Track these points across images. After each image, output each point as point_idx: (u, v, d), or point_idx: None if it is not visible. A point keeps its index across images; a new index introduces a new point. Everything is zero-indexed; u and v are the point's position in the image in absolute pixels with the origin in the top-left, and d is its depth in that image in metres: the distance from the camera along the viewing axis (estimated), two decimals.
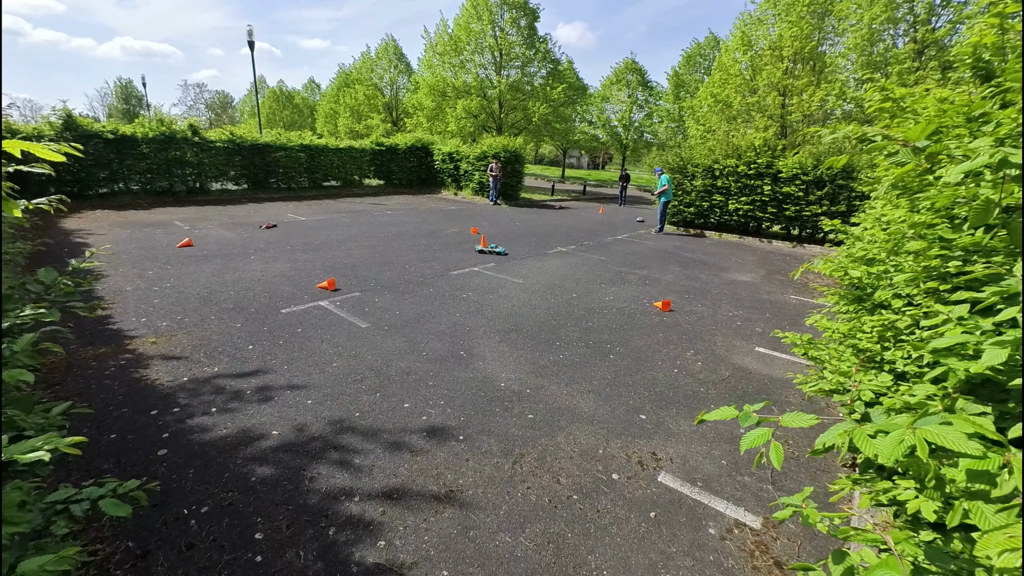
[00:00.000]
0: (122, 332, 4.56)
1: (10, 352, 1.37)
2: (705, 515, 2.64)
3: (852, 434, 1.09)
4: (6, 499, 1.07)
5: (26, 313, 1.66)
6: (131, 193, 13.42)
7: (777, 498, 2.80)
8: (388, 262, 7.81)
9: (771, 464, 3.04)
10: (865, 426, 1.11)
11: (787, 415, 1.22)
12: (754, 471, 3.03)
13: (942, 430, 0.98)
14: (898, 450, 0.98)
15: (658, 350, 4.88)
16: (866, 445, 1.05)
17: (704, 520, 2.60)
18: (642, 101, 35.21)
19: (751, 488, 2.88)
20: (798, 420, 1.20)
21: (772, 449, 1.21)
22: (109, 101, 56.30)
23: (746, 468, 3.06)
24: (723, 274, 8.52)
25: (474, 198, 18.92)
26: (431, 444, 3.12)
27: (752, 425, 1.23)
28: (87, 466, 2.75)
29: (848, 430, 1.11)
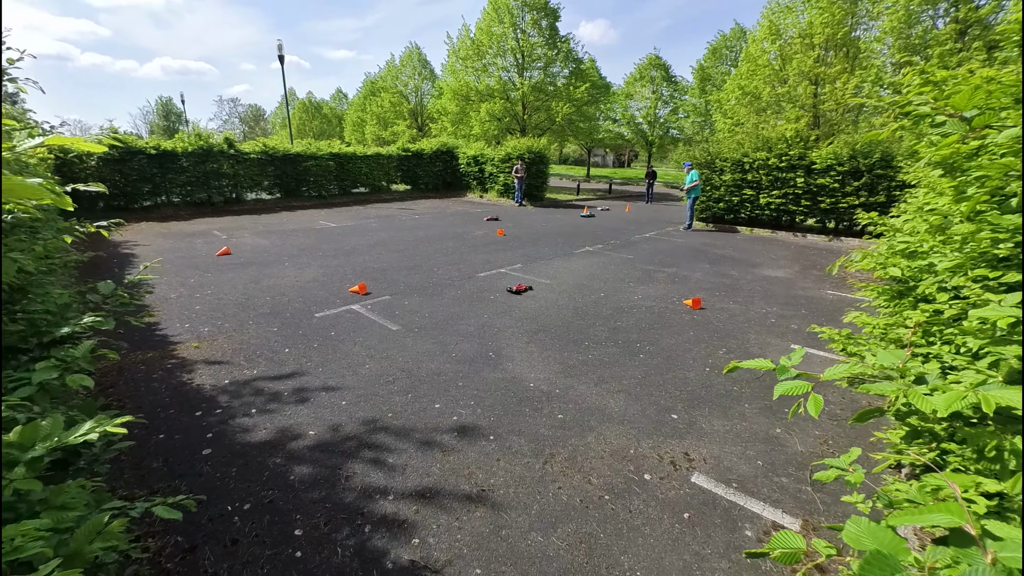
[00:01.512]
0: (168, 338, 4.79)
1: (71, 358, 1.47)
2: (741, 516, 2.58)
3: (907, 392, 1.04)
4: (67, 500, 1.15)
5: (85, 321, 1.77)
6: (172, 205, 14.05)
7: (817, 500, 2.71)
8: (416, 265, 7.93)
9: (812, 475, 2.95)
10: (920, 386, 1.06)
11: (830, 369, 1.17)
12: (792, 472, 2.94)
13: (1007, 392, 0.93)
14: (958, 404, 0.93)
15: (689, 349, 4.80)
16: (921, 401, 1.00)
17: (740, 522, 2.55)
18: (667, 96, 34.65)
19: (789, 489, 2.80)
20: (839, 372, 1.15)
21: (811, 401, 1.15)
22: (151, 118, 59.12)
23: (783, 469, 2.98)
24: (755, 270, 8.30)
25: (499, 200, 19.00)
26: (462, 444, 3.16)
27: (790, 377, 1.19)
28: (138, 464, 2.89)
29: (902, 387, 1.06)
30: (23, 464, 1.01)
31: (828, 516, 2.60)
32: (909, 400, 1.03)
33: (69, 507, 1.02)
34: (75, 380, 1.37)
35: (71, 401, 2.03)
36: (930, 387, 1.04)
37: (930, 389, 1.03)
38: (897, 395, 1.05)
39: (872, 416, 1.43)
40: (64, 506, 1.01)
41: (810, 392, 1.15)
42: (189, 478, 2.80)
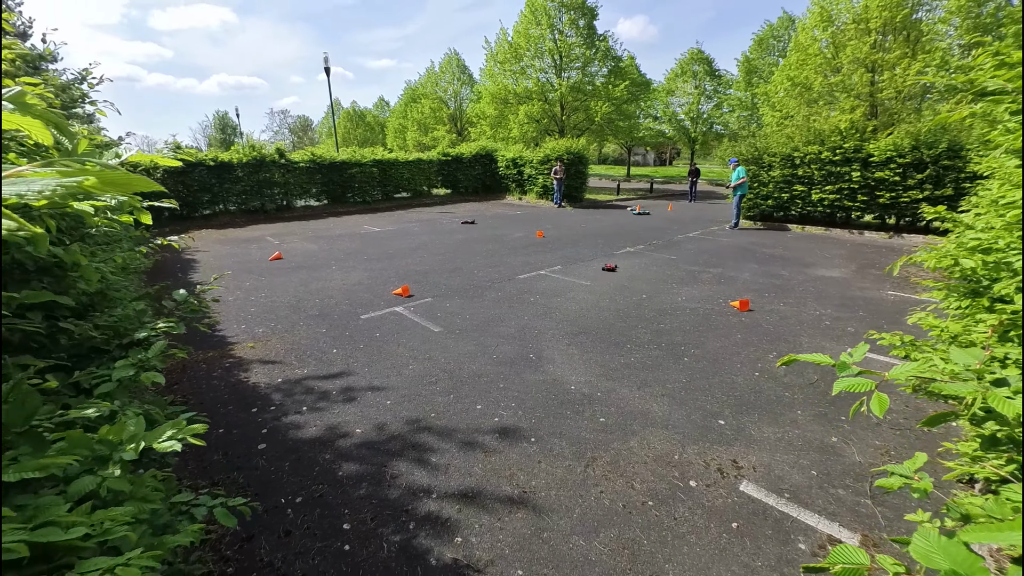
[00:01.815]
0: (226, 338, 5.08)
1: (145, 358, 1.59)
2: (794, 528, 2.47)
3: (986, 394, 0.97)
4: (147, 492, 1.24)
5: (159, 325, 1.91)
6: (229, 213, 14.89)
7: (877, 514, 2.56)
8: (457, 268, 8.05)
9: (873, 483, 2.79)
10: (1001, 388, 0.98)
11: (896, 367, 1.09)
12: (849, 483, 2.79)
13: None
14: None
15: (736, 352, 4.63)
16: (1003, 405, 0.92)
17: (793, 534, 2.44)
18: (710, 91, 33.59)
19: (847, 502, 2.65)
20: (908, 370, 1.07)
21: (874, 399, 1.07)
22: (209, 132, 62.98)
23: (839, 480, 2.82)
24: (807, 270, 7.91)
25: (538, 202, 19.01)
26: (503, 445, 3.18)
27: (851, 375, 1.12)
28: (201, 456, 3.08)
29: (980, 389, 0.98)
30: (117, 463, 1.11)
31: (891, 532, 2.44)
32: (988, 403, 0.95)
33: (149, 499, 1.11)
34: (148, 376, 1.48)
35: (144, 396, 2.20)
36: (1012, 390, 0.96)
37: (1013, 392, 0.95)
38: (975, 397, 0.98)
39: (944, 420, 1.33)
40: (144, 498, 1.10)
41: (873, 390, 1.08)
42: (246, 471, 2.96)
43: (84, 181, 0.48)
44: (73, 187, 0.47)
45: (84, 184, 0.48)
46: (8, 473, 0.77)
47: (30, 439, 0.91)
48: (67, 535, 0.74)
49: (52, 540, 0.71)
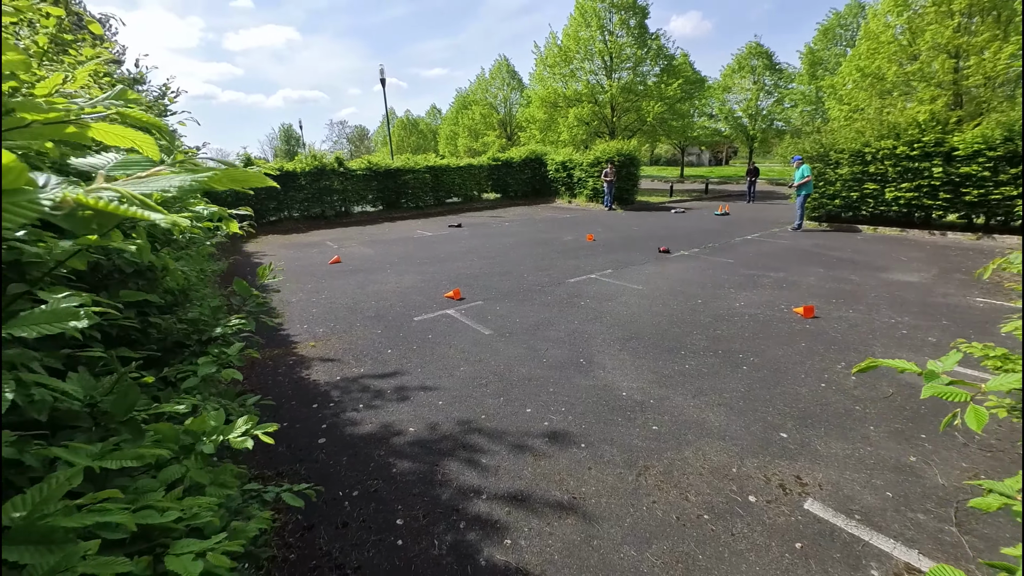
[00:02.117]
0: (290, 337, 5.38)
1: (225, 355, 1.73)
2: (866, 553, 2.30)
3: None
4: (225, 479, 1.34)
5: (233, 322, 2.06)
6: (292, 219, 15.79)
7: (964, 543, 2.33)
8: (507, 271, 8.12)
9: (965, 508, 2.55)
10: None
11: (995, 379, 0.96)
12: (930, 508, 2.56)
13: None
14: None
15: (800, 361, 4.37)
16: None
17: (864, 559, 2.27)
18: (770, 86, 32.02)
19: (927, 527, 2.43)
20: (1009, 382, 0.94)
21: (970, 412, 0.94)
22: (275, 144, 67.16)
23: (919, 503, 2.60)
24: (880, 274, 7.35)
25: (588, 205, 18.83)
26: (553, 449, 3.17)
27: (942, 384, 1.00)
28: (267, 448, 3.28)
29: None
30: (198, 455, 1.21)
31: (980, 565, 2.22)
32: None
33: (227, 486, 1.20)
34: (228, 373, 1.60)
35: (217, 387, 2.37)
36: None
37: None
38: None
39: None
40: (223, 484, 1.19)
41: (968, 402, 0.97)
42: (307, 463, 3.12)
43: (212, 177, 0.54)
44: (204, 182, 0.53)
45: (211, 180, 0.54)
46: (111, 460, 0.87)
47: (130, 428, 1.01)
48: (163, 518, 0.82)
49: (151, 522, 0.79)
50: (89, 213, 0.42)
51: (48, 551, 0.57)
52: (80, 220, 0.43)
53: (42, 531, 0.58)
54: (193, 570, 0.75)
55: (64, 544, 0.58)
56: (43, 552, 0.57)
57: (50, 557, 0.56)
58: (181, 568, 0.75)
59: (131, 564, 0.67)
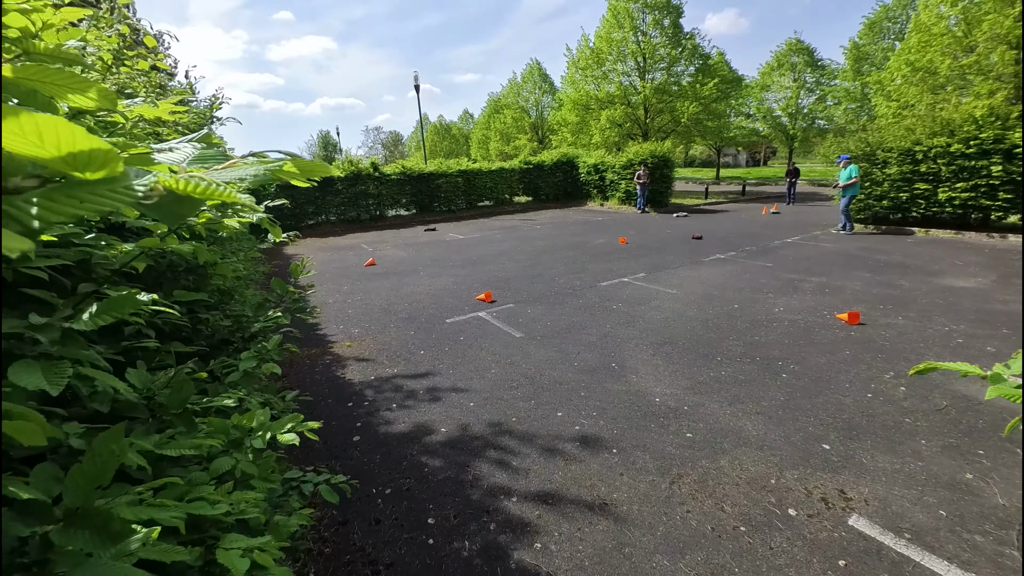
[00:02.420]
0: (326, 337, 5.54)
1: (265, 350, 1.80)
2: (916, 574, 2.17)
3: None
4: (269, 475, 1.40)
5: (271, 316, 2.14)
6: (330, 223, 16.28)
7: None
8: (538, 275, 8.11)
9: (1020, 537, 2.38)
10: None
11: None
12: (989, 529, 2.39)
13: None
14: None
15: (844, 370, 4.19)
16: None
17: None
18: (811, 83, 30.84)
19: (985, 550, 2.28)
20: None
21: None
22: (314, 150, 69.46)
23: (976, 524, 2.44)
24: (933, 279, 6.95)
25: (620, 208, 18.61)
26: (584, 454, 3.14)
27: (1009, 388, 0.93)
28: (304, 443, 3.39)
29: None
30: (249, 449, 1.27)
31: None
32: None
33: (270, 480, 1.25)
34: (268, 368, 1.67)
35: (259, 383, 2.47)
36: None
37: None
38: None
39: None
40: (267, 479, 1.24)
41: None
42: (343, 460, 3.20)
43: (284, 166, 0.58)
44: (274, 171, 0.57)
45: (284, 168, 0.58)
46: (169, 449, 0.92)
47: (184, 420, 1.07)
48: (213, 510, 0.86)
49: (202, 514, 0.83)
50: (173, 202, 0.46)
51: (107, 539, 0.61)
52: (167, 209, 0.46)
53: (101, 519, 0.63)
54: (241, 567, 0.79)
55: (121, 535, 0.62)
56: (101, 540, 0.61)
57: (110, 545, 0.60)
58: (230, 563, 0.79)
59: (187, 554, 0.71)
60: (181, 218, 0.48)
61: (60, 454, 0.89)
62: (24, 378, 0.65)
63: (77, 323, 0.85)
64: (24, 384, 0.64)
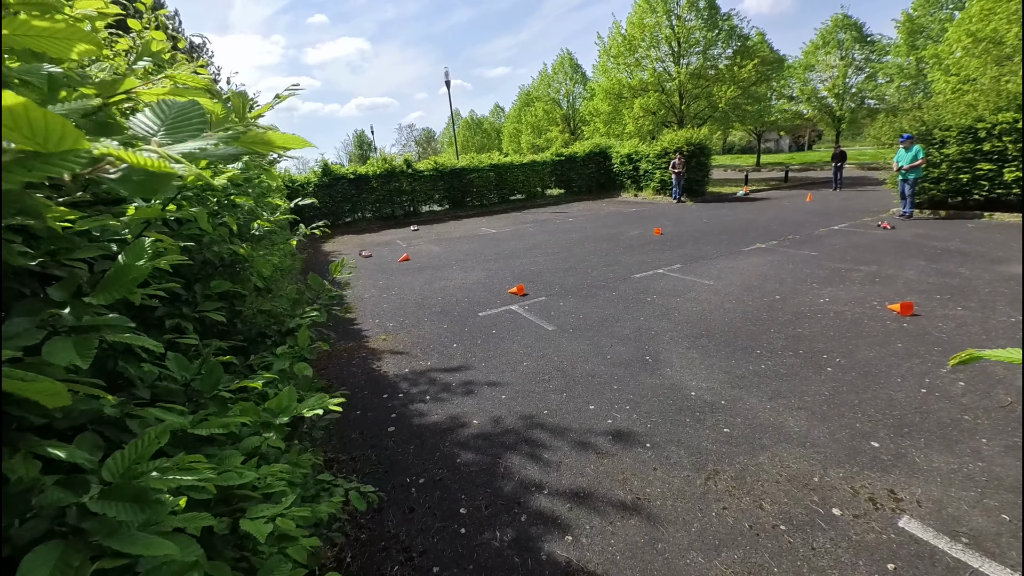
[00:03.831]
0: (362, 331, 5.69)
1: (297, 349, 1.87)
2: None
3: None
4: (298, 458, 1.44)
5: (309, 311, 2.21)
6: (365, 220, 16.67)
7: None
8: (571, 267, 8.05)
9: None
10: None
11: None
12: None
13: None
14: None
15: (896, 364, 3.96)
16: None
17: None
18: (860, 61, 29.06)
19: None
20: None
21: None
22: (349, 149, 71.16)
23: None
24: (996, 267, 6.46)
25: (656, 198, 18.19)
26: (617, 448, 3.11)
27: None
28: (342, 433, 3.50)
29: None
30: (273, 428, 1.33)
31: None
32: None
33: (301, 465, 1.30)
34: (300, 368, 1.73)
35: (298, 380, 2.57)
36: None
37: None
38: None
39: None
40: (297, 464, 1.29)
41: None
42: (378, 450, 3.28)
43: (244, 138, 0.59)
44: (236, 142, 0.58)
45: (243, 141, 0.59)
46: (202, 427, 0.97)
47: (216, 402, 1.12)
48: (241, 480, 0.90)
49: (231, 484, 0.87)
50: (143, 176, 0.47)
51: (140, 509, 0.65)
52: (135, 183, 0.47)
53: (136, 491, 0.66)
54: (263, 531, 0.82)
55: (154, 505, 0.66)
56: (135, 510, 0.65)
57: (141, 515, 0.64)
58: (254, 529, 0.83)
59: (213, 520, 0.74)
60: (153, 192, 0.49)
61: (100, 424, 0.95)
62: (57, 355, 0.69)
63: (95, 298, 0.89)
64: (57, 361, 0.68)
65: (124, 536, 0.63)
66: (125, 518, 0.66)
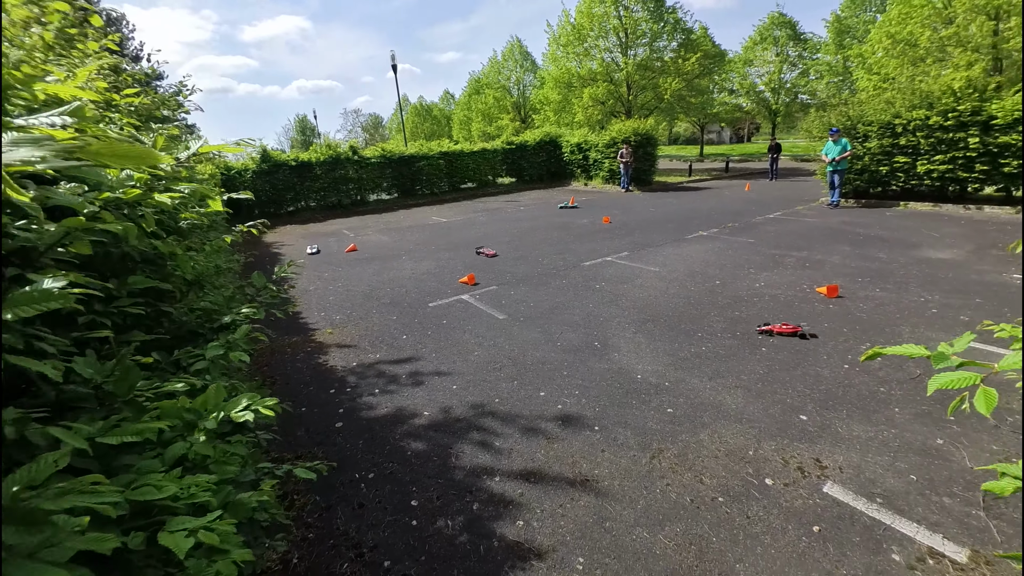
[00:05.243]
0: (308, 325, 5.47)
1: (233, 339, 1.76)
2: (887, 537, 2.24)
3: None
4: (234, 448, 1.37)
5: (244, 311, 2.09)
6: (310, 209, 15.97)
7: (992, 528, 2.25)
8: (522, 256, 8.08)
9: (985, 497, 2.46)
10: None
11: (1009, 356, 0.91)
12: (957, 491, 2.47)
13: None
14: None
15: (823, 343, 4.26)
16: None
17: (885, 543, 2.21)
18: (794, 58, 30.72)
19: (954, 512, 2.36)
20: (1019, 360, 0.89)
21: (980, 395, 0.90)
22: (291, 135, 67.71)
23: (945, 487, 2.52)
24: (911, 251, 7.07)
25: (605, 187, 18.54)
26: (566, 432, 3.17)
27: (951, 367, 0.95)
28: (287, 431, 3.36)
29: None
30: (202, 431, 1.24)
31: (1009, 550, 2.14)
32: None
33: (231, 463, 1.22)
34: (236, 355, 1.63)
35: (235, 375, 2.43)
36: None
37: None
38: None
39: None
40: (226, 462, 1.21)
41: (979, 385, 0.92)
42: (325, 446, 3.18)
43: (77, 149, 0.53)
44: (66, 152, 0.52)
45: (85, 152, 0.53)
46: (112, 436, 0.89)
47: (132, 407, 1.03)
48: (160, 494, 0.84)
49: (147, 498, 0.80)
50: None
51: (28, 532, 0.58)
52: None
53: (23, 513, 0.60)
54: (184, 545, 0.77)
55: (45, 525, 0.59)
56: (23, 533, 0.59)
57: (30, 538, 0.57)
58: (172, 544, 0.77)
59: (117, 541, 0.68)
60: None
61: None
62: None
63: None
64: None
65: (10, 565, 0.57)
66: (12, 541, 0.59)
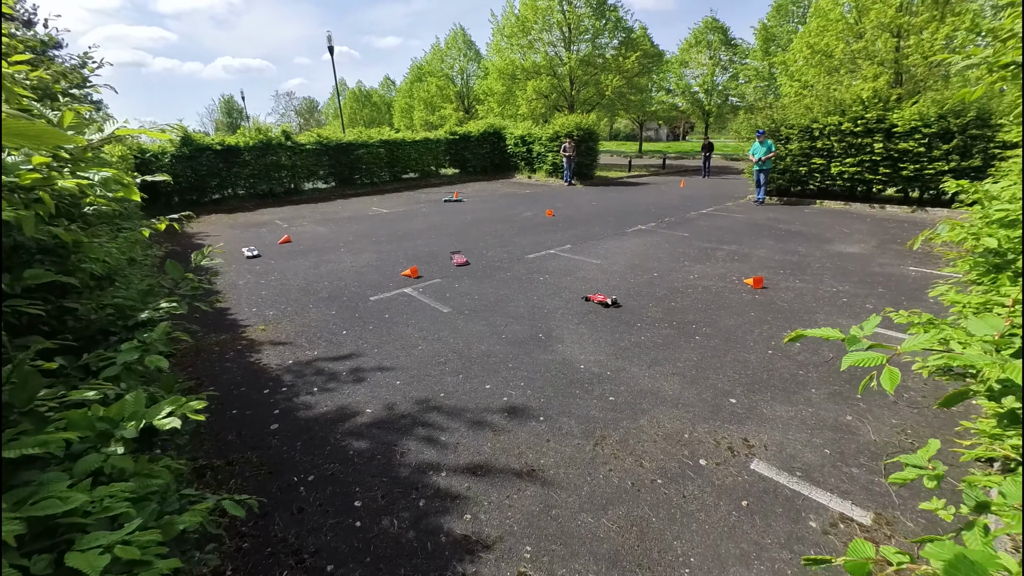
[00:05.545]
0: (238, 321, 5.14)
1: (150, 340, 1.60)
2: (805, 507, 2.45)
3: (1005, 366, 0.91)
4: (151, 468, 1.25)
5: (163, 306, 1.91)
6: (238, 197, 14.92)
7: (892, 492, 2.52)
8: (466, 249, 8.01)
9: (893, 460, 2.74)
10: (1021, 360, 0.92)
11: (910, 339, 1.04)
12: (863, 462, 2.75)
13: None
14: None
15: (749, 330, 4.56)
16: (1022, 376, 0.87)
17: (804, 512, 2.41)
18: (725, 62, 32.50)
19: (860, 480, 2.61)
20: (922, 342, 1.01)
21: (885, 374, 1.02)
22: (216, 116, 62.89)
23: (853, 459, 2.78)
24: (826, 246, 7.73)
25: (548, 180, 18.75)
26: (512, 424, 3.19)
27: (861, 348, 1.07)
28: (216, 436, 3.14)
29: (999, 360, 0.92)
30: (119, 441, 1.12)
31: (904, 511, 2.41)
32: (1008, 376, 0.89)
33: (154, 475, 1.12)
34: (152, 360, 1.49)
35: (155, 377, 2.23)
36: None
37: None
38: (992, 369, 0.91)
39: (963, 398, 1.28)
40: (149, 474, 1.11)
41: (884, 365, 1.03)
42: (260, 450, 3.01)
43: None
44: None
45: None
46: (9, 449, 0.77)
47: (32, 418, 0.91)
48: (65, 506, 0.74)
49: (49, 512, 0.71)
50: None
51: None
52: None
53: None
54: (97, 564, 0.69)
55: None
56: None
57: None
58: (84, 564, 0.68)
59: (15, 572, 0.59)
60: None
61: None
62: None
63: None
64: None
65: None
66: None
